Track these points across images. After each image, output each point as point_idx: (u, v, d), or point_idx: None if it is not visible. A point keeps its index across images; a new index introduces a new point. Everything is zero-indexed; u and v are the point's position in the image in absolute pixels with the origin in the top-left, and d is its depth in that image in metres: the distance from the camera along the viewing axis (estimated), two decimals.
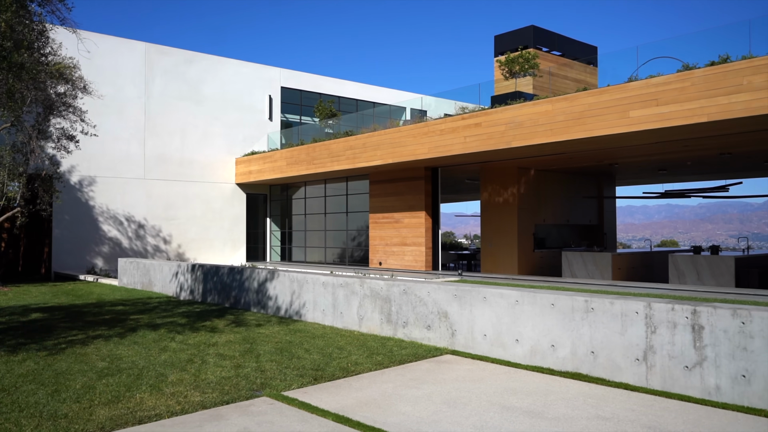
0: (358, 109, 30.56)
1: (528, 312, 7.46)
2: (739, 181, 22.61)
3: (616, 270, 18.03)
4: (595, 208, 24.35)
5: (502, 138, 16.37)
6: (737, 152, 17.42)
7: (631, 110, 13.85)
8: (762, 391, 5.54)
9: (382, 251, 22.33)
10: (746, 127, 13.26)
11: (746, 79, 12.06)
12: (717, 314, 5.85)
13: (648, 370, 6.35)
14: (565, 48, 21.45)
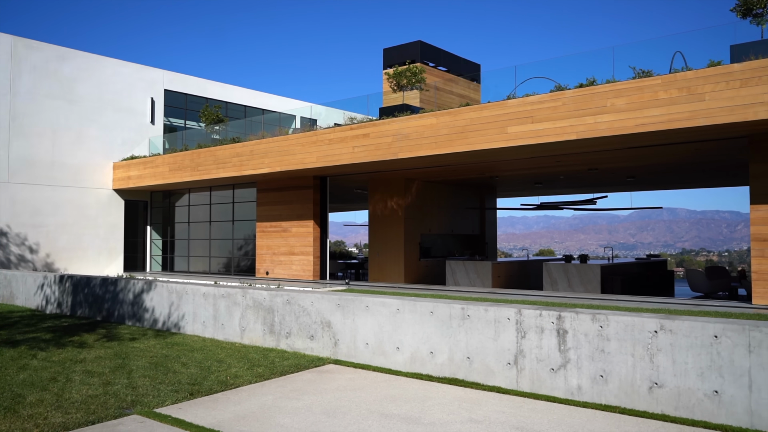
0: (247, 115, 29.98)
1: (409, 320, 7.62)
2: (604, 195, 24.45)
3: (496, 278, 18.86)
4: (477, 219, 25.37)
5: (389, 149, 16.68)
6: (603, 168, 18.84)
7: (509, 126, 14.59)
8: (617, 390, 5.99)
9: (270, 261, 21.97)
10: (610, 145, 14.37)
11: (609, 101, 13.09)
12: (579, 319, 6.27)
13: (518, 374, 6.68)
14: (451, 64, 22.25)
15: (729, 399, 5.35)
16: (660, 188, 26.30)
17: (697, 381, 5.52)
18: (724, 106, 11.74)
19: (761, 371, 5.20)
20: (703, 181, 23.72)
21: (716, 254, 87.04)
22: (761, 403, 5.20)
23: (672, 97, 12.34)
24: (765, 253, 12.71)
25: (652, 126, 12.52)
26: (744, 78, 11.60)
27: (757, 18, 13.31)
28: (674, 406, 5.63)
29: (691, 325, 5.58)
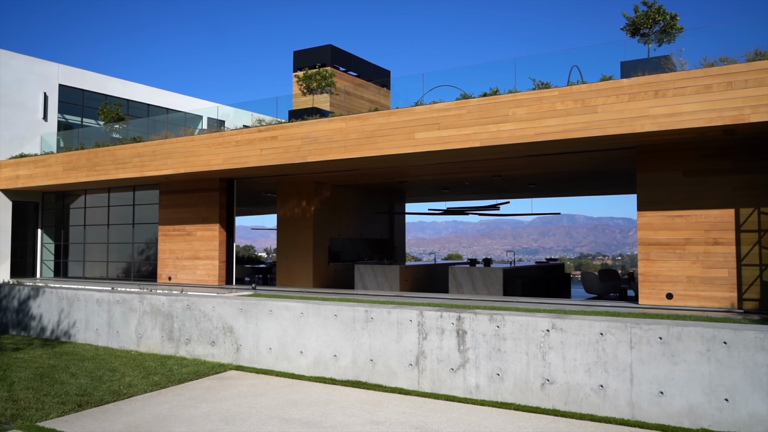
0: (150, 114, 28.80)
1: (313, 323, 7.56)
2: (507, 201, 25.40)
3: (404, 281, 19.10)
4: (387, 223, 25.62)
5: (297, 152, 16.54)
6: (506, 175, 19.55)
7: (416, 132, 14.85)
8: (512, 387, 6.21)
9: (173, 265, 21.18)
10: (512, 152, 14.93)
11: (511, 111, 13.61)
12: (477, 320, 6.46)
13: (420, 374, 6.79)
14: (361, 69, 22.38)
15: (613, 392, 5.67)
16: (559, 195, 27.62)
17: (585, 376, 5.82)
18: (615, 118, 12.49)
19: (641, 366, 5.55)
20: (599, 189, 25.16)
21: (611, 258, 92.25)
22: (641, 395, 5.55)
23: (568, 109, 12.99)
24: (650, 257, 13.62)
25: (550, 135, 13.13)
26: (632, 92, 12.39)
27: (645, 37, 14.26)
28: (564, 401, 5.91)
29: (579, 324, 5.88)
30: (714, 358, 5.24)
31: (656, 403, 5.44)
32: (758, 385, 5.08)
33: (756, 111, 11.23)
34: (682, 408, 5.34)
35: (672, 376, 5.38)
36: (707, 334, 5.29)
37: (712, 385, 5.22)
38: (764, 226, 12.61)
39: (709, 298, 13.01)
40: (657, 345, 5.47)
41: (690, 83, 11.85)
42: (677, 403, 5.35)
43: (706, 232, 13.07)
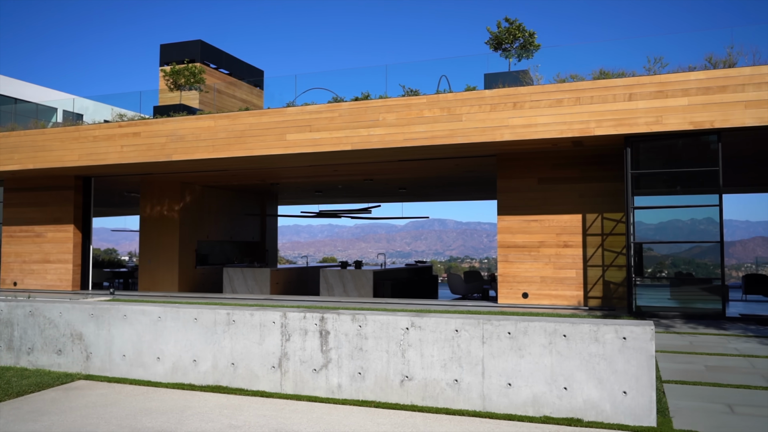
0: None
1: (171, 328, 7.25)
2: (378, 204, 25.89)
3: (275, 285, 18.84)
4: (258, 226, 25.15)
5: (162, 150, 15.81)
6: (378, 179, 19.93)
7: (288, 134, 14.73)
8: (373, 385, 6.33)
9: (19, 270, 19.41)
10: (382, 157, 15.25)
11: (381, 116, 13.90)
12: (340, 320, 6.51)
13: (282, 376, 6.72)
14: (233, 67, 21.84)
15: (466, 386, 5.95)
16: (430, 200, 28.58)
17: (441, 372, 6.05)
18: (478, 127, 13.16)
19: (492, 359, 5.87)
20: (466, 195, 26.34)
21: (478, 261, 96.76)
22: (491, 387, 5.86)
23: (435, 116, 13.50)
24: (509, 258, 14.48)
25: (418, 141, 13.57)
26: (494, 103, 13.11)
27: (506, 52, 15.13)
28: (422, 397, 6.11)
29: (436, 322, 6.11)
30: (555, 350, 5.65)
31: (505, 395, 5.77)
32: (592, 373, 5.53)
33: (600, 125, 12.30)
34: (527, 398, 5.70)
35: (519, 369, 5.73)
36: (549, 329, 5.69)
37: (554, 375, 5.62)
38: (607, 230, 13.83)
39: (559, 297, 14.05)
40: (506, 340, 5.81)
41: (544, 97, 12.76)
42: (523, 393, 5.71)
43: (558, 236, 14.11)
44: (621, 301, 13.48)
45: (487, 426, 5.56)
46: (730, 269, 65.30)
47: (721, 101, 11.54)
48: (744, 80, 11.47)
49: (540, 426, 5.52)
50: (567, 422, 5.53)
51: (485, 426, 5.56)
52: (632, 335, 5.49)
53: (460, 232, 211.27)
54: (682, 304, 13.33)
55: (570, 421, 5.54)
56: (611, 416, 5.51)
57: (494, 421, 5.67)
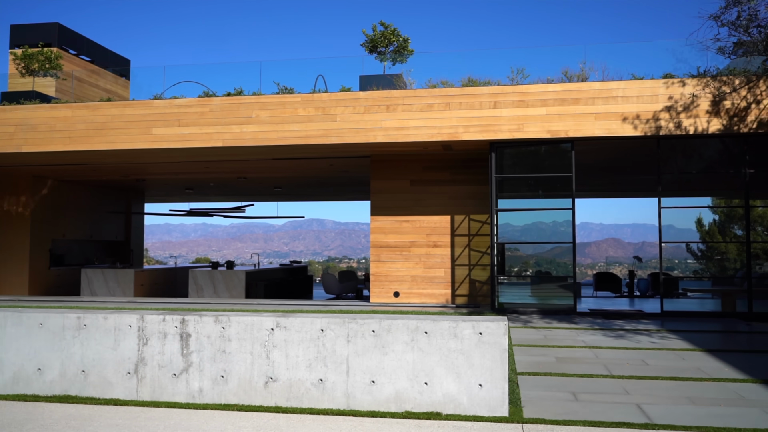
0: None
1: (12, 334, 6.63)
2: (251, 203, 25.34)
3: (139, 286, 17.86)
4: (122, 224, 23.73)
5: (11, 141, 14.46)
6: (252, 177, 19.50)
7: (154, 127, 14.02)
8: (236, 388, 6.17)
9: None
10: (256, 155, 14.95)
11: (255, 113, 13.62)
12: (202, 322, 6.29)
13: (139, 383, 6.37)
14: (96, 54, 20.42)
15: (331, 385, 5.96)
16: (307, 199, 28.42)
17: (306, 372, 6.02)
18: (352, 127, 13.27)
19: (356, 358, 5.93)
20: (343, 195, 26.46)
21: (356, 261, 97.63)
22: (356, 385, 5.92)
23: (310, 115, 13.44)
24: (381, 258, 14.73)
25: (292, 140, 13.44)
26: (368, 105, 13.28)
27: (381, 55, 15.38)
28: (286, 397, 6.04)
29: (302, 322, 6.07)
30: (417, 347, 5.81)
31: (368, 392, 5.84)
32: (451, 368, 5.75)
33: (467, 130, 12.85)
34: (390, 394, 5.82)
35: (382, 366, 5.83)
36: (412, 326, 5.85)
37: (415, 371, 5.78)
38: (473, 231, 14.48)
39: (429, 295, 14.51)
40: (370, 338, 5.89)
41: (416, 101, 13.12)
42: (386, 390, 5.82)
43: (428, 236, 14.57)
44: (485, 299, 14.16)
45: (350, 424, 5.61)
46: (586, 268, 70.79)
47: (575, 112, 12.47)
48: (594, 94, 12.47)
49: (401, 421, 5.66)
50: (427, 416, 5.71)
51: (348, 424, 5.61)
52: (488, 330, 5.77)
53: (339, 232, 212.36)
54: (540, 300, 14.26)
55: (430, 415, 5.72)
56: (468, 408, 5.76)
57: (357, 419, 5.73)
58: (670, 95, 12.16)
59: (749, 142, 12.32)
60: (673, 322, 11.75)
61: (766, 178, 13.26)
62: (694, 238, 26.52)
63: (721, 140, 13.00)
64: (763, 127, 11.82)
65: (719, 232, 27.95)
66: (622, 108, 12.31)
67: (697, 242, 26.99)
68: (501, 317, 5.96)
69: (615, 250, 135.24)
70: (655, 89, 12.27)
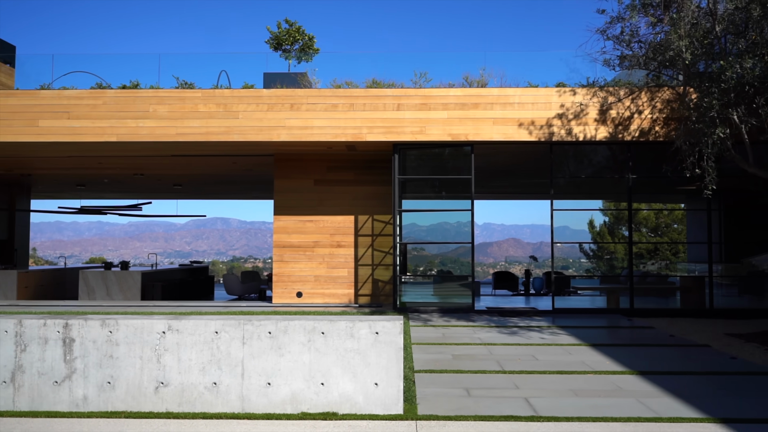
0: None
1: None
2: (149, 201, 24.29)
3: (23, 289, 16.69)
4: (5, 222, 22.06)
5: None
6: (149, 174, 18.70)
7: (41, 119, 13.15)
8: (124, 395, 5.90)
9: None
10: (153, 151, 14.35)
11: (152, 107, 13.08)
12: (88, 326, 5.96)
13: (16, 392, 5.96)
14: None
15: (225, 388, 5.83)
16: (210, 197, 27.61)
17: (200, 375, 5.86)
18: (255, 125, 13.03)
19: (252, 360, 5.84)
20: (247, 193, 25.91)
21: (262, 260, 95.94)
22: (251, 388, 5.83)
23: (211, 111, 13.07)
24: (284, 258, 14.57)
25: (192, 137, 13.02)
26: (271, 103, 13.09)
27: (286, 53, 15.23)
28: (178, 402, 5.85)
29: (195, 324, 5.90)
30: (314, 348, 5.80)
31: (264, 394, 5.77)
32: (347, 368, 5.78)
33: (371, 131, 12.96)
34: (286, 396, 5.77)
35: (279, 367, 5.78)
36: (309, 327, 5.83)
37: (312, 371, 5.77)
38: (376, 231, 14.62)
39: (332, 295, 14.51)
40: (266, 339, 5.81)
41: (321, 101, 13.08)
42: (282, 391, 5.77)
43: (331, 236, 14.57)
44: (388, 298, 14.34)
45: (245, 427, 5.51)
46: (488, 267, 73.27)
47: (475, 117, 12.89)
48: (493, 99, 12.94)
49: (297, 423, 5.62)
50: (323, 417, 5.71)
51: (242, 427, 5.51)
52: (384, 330, 5.85)
53: (244, 232, 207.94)
54: (441, 299, 14.62)
55: (326, 416, 5.73)
56: (364, 407, 5.81)
57: (252, 421, 5.64)
58: (562, 103, 12.83)
59: (632, 150, 13.21)
60: (563, 319, 12.40)
61: (647, 184, 14.28)
62: (587, 239, 28.09)
63: (609, 147, 13.86)
64: (644, 135, 12.71)
65: (609, 233, 29.81)
66: (518, 114, 12.85)
67: (587, 243, 28.59)
68: (397, 317, 6.06)
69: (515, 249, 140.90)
70: (549, 97, 12.90)
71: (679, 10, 9.35)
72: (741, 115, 9.63)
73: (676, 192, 17.34)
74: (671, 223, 27.95)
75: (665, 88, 12.46)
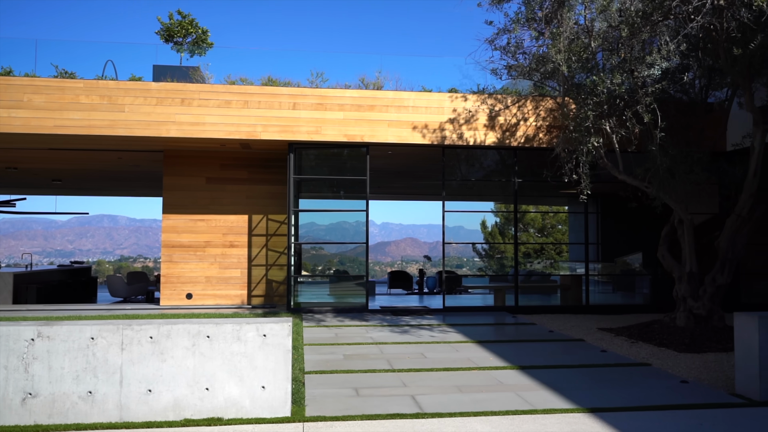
0: None
1: None
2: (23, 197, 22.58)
3: None
4: None
5: None
6: (24, 168, 17.38)
7: None
8: None
9: None
10: (28, 143, 13.36)
11: (27, 97, 12.18)
12: None
13: None
14: None
15: (102, 397, 5.55)
16: (95, 194, 26.06)
17: (73, 384, 5.53)
18: (142, 120, 12.46)
19: (131, 366, 5.59)
20: (135, 190, 24.67)
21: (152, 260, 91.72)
22: (130, 396, 5.58)
23: (94, 104, 12.36)
24: (173, 258, 14.04)
25: (72, 129, 12.25)
26: (161, 97, 12.58)
27: (178, 45, 14.69)
28: (48, 414, 5.50)
29: (69, 330, 5.57)
30: (198, 352, 5.64)
31: (144, 402, 5.55)
32: (234, 372, 5.68)
33: (266, 130, 12.78)
34: (168, 402, 5.58)
35: (160, 374, 5.58)
36: (193, 330, 5.67)
37: (196, 376, 5.61)
38: (271, 231, 14.43)
39: (224, 296, 14.16)
40: (148, 345, 5.59)
41: (214, 96, 12.73)
42: (164, 398, 5.57)
43: (224, 236, 14.21)
44: (282, 299, 14.19)
45: None
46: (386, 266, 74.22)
47: (370, 118, 13.03)
48: (388, 102, 13.14)
49: (180, 429, 5.45)
50: (207, 422, 5.56)
51: None
52: (272, 332, 5.79)
53: (134, 230, 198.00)
54: (337, 299, 14.65)
55: (210, 421, 5.59)
56: (250, 411, 5.73)
57: (131, 431, 5.40)
58: (454, 108, 13.25)
59: (518, 155, 13.88)
60: (453, 317, 12.82)
61: (533, 187, 15.05)
62: (480, 239, 29.15)
63: (497, 151, 14.47)
64: (529, 141, 13.39)
65: (500, 233, 31.11)
66: (412, 117, 13.13)
67: (480, 243, 29.69)
68: (287, 318, 6.02)
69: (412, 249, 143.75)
70: (442, 102, 13.28)
71: (559, 26, 9.94)
72: (613, 126, 10.38)
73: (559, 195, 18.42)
74: (556, 224, 29.64)
75: (548, 98, 13.19)
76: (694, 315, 10.47)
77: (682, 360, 8.63)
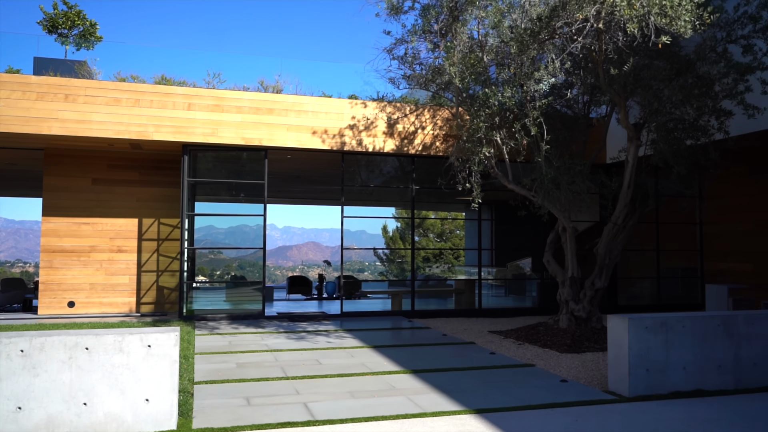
0: None
1: None
2: None
3: None
4: None
5: None
6: None
7: None
8: None
9: None
10: None
11: None
12: None
13: None
14: None
15: None
16: None
17: None
18: (20, 115, 11.63)
19: None
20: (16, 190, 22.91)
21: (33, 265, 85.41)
22: None
23: None
24: (54, 264, 13.16)
25: None
26: (42, 92, 11.80)
27: (63, 38, 13.86)
28: None
29: None
30: (75, 365, 5.34)
31: (14, 420, 5.17)
32: (114, 385, 5.42)
33: (158, 130, 12.30)
34: (41, 420, 5.24)
35: (32, 389, 5.22)
36: (70, 342, 5.35)
37: (72, 391, 5.31)
38: (163, 235, 13.88)
39: (110, 304, 13.45)
40: (18, 358, 5.22)
41: (102, 93, 12.10)
42: (36, 415, 5.22)
43: (111, 240, 13.51)
44: (174, 306, 13.68)
45: None
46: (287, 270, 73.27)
47: (269, 122, 12.86)
48: (288, 106, 13.03)
49: None
50: None
51: None
52: (157, 343, 5.57)
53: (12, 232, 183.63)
54: (233, 305, 14.31)
55: None
56: (132, 425, 5.47)
57: None
58: (354, 115, 13.34)
59: (416, 162, 14.18)
60: (351, 322, 12.88)
61: (430, 193, 15.43)
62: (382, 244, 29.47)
63: (396, 158, 14.71)
64: (426, 149, 13.72)
65: (400, 238, 31.57)
66: (312, 122, 13.09)
67: (380, 248, 30.03)
68: (174, 328, 5.81)
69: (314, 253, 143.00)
70: (342, 108, 13.34)
71: (453, 39, 10.28)
72: (503, 137, 10.86)
73: (456, 202, 19.01)
74: (455, 229, 30.51)
75: (444, 108, 13.58)
76: (575, 317, 11.13)
77: (563, 360, 9.14)
